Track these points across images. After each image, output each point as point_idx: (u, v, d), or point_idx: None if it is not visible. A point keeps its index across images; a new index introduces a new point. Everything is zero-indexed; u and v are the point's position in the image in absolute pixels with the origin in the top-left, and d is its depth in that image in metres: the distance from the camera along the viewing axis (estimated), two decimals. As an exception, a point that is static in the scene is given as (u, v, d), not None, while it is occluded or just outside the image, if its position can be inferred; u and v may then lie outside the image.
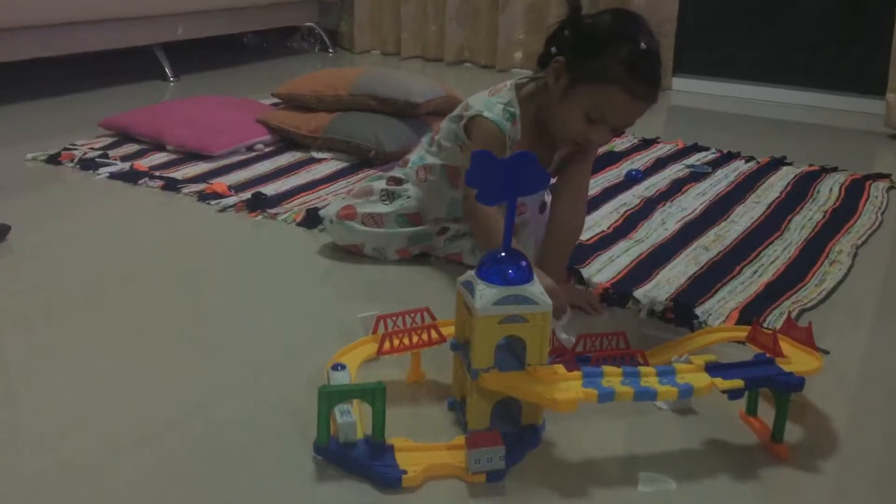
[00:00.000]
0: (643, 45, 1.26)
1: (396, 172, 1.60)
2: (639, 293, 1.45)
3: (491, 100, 1.42)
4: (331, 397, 0.96)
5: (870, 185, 2.12)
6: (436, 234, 1.56)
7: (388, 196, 1.56)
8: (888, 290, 1.57)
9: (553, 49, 1.33)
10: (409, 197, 1.55)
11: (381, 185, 1.58)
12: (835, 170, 2.24)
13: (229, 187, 1.93)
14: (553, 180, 1.47)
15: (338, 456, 0.97)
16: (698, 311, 1.39)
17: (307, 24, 3.98)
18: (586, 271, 1.53)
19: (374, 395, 0.96)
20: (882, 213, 1.92)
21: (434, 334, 1.13)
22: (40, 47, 2.76)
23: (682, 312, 1.38)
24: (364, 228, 1.54)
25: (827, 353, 1.27)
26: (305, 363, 1.19)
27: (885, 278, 1.62)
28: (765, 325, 1.34)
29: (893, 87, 2.67)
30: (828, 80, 3.17)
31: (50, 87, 2.94)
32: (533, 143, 1.40)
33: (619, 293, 1.45)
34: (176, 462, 0.99)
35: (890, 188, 2.11)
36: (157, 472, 0.97)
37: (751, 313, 1.37)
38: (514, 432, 1.02)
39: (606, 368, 1.00)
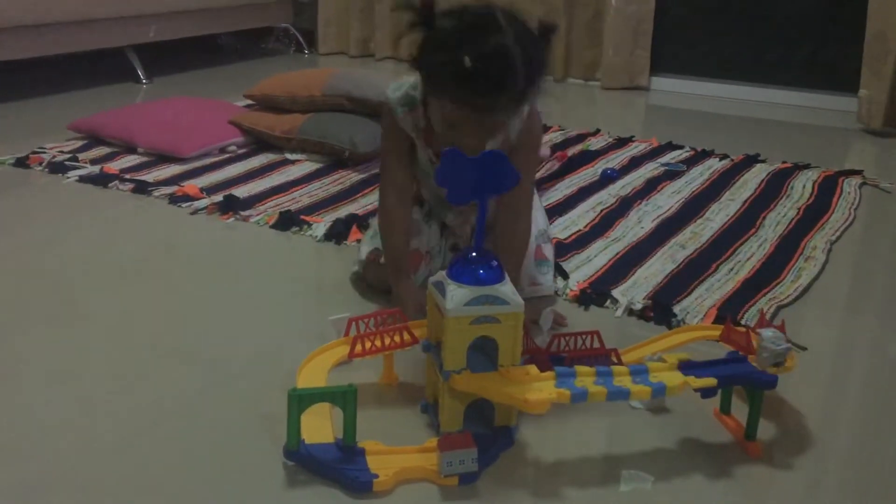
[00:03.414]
0: (468, 61, 1.07)
1: None
2: (617, 292, 1.45)
3: (406, 81, 1.29)
4: (301, 401, 0.94)
5: (842, 181, 2.12)
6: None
7: None
8: (861, 286, 1.58)
9: (415, 55, 1.18)
10: None
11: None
12: (808, 166, 2.25)
13: (201, 189, 1.91)
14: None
15: (308, 460, 0.96)
16: (676, 309, 1.39)
17: (282, 24, 3.95)
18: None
19: (346, 397, 0.95)
20: (855, 210, 1.93)
21: (406, 336, 1.11)
22: (9, 49, 2.72)
23: (660, 311, 1.38)
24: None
25: (805, 349, 1.27)
26: (277, 366, 1.18)
27: (859, 274, 1.63)
28: (742, 322, 1.34)
29: (866, 84, 2.70)
30: (802, 78, 3.18)
31: (19, 90, 2.90)
32: (453, 134, 1.18)
33: (597, 292, 1.45)
34: (148, 467, 0.97)
35: (862, 184, 2.13)
36: (129, 477, 0.95)
37: (728, 311, 1.37)
38: (487, 434, 1.01)
39: (579, 368, 0.99)
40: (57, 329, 1.30)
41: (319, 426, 1.00)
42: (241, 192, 1.91)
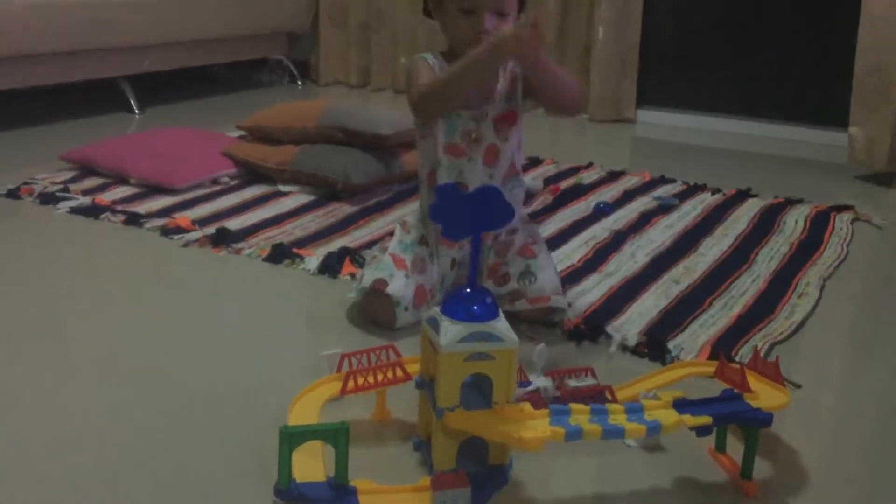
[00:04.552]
0: None
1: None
2: (610, 328, 1.44)
3: None
4: (292, 438, 0.93)
5: (834, 216, 2.13)
6: (449, 269, 1.51)
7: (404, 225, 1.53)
8: (856, 323, 1.57)
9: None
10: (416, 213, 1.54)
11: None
12: (800, 202, 2.26)
13: (193, 221, 1.90)
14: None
15: (299, 499, 0.94)
16: (670, 344, 1.38)
17: (276, 56, 3.98)
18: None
19: (337, 435, 0.93)
20: (847, 245, 1.93)
21: (399, 372, 1.11)
22: (2, 79, 2.72)
23: (654, 347, 1.37)
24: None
25: (799, 387, 1.26)
26: (268, 402, 1.16)
27: (852, 311, 1.63)
28: (737, 358, 1.34)
29: (858, 122, 2.54)
30: (791, 112, 3.21)
31: (11, 120, 2.89)
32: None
33: (591, 328, 1.44)
34: (133, 502, 0.96)
35: (854, 220, 2.13)
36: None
37: (722, 347, 1.37)
38: (481, 472, 1.00)
39: (574, 406, 0.98)
40: (44, 360, 1.29)
41: (311, 464, 0.98)
42: (234, 224, 1.90)
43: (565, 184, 2.34)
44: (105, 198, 2.06)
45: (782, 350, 1.39)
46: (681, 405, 1.01)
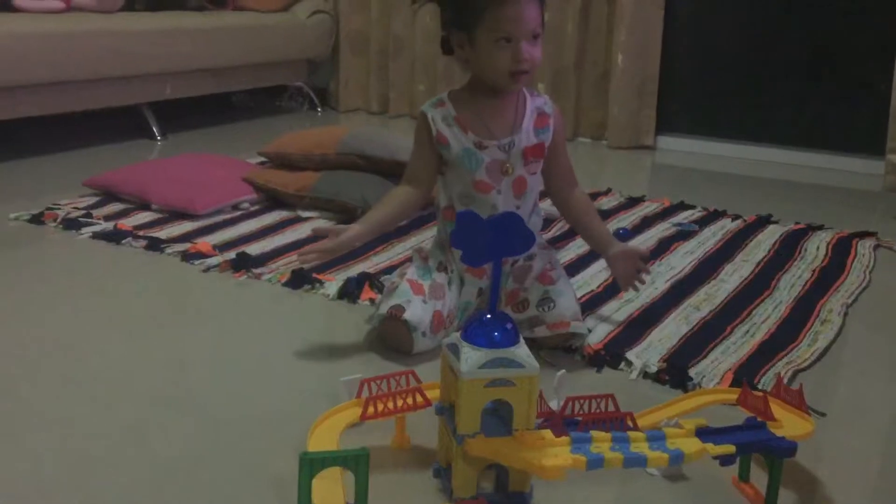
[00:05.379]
0: None
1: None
2: (631, 354, 1.43)
3: None
4: (312, 464, 0.93)
5: (856, 243, 2.12)
6: (475, 298, 1.51)
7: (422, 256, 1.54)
8: (880, 350, 1.55)
9: (444, 33, 1.44)
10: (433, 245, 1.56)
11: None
12: (820, 228, 2.25)
13: (214, 247, 1.91)
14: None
15: (318, 526, 0.94)
16: (692, 372, 1.37)
17: (296, 83, 4.01)
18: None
19: (358, 461, 0.93)
20: (870, 272, 1.91)
21: (419, 398, 1.10)
22: (27, 106, 2.76)
23: (676, 374, 1.36)
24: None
25: (823, 415, 1.25)
26: (287, 427, 1.16)
27: (877, 338, 1.61)
28: (759, 386, 1.32)
29: (894, 148, 2.50)
30: (811, 138, 3.20)
31: (35, 146, 2.93)
32: (483, 114, 1.45)
33: (611, 354, 1.43)
34: (150, 533, 0.96)
35: (877, 246, 2.11)
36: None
37: (744, 375, 1.36)
38: (502, 500, 0.99)
39: (595, 434, 0.97)
40: (64, 383, 1.29)
41: (331, 490, 0.97)
42: (254, 249, 1.91)
43: (584, 210, 2.34)
44: (127, 223, 2.07)
45: (805, 378, 1.37)
46: (703, 433, 1.00)
